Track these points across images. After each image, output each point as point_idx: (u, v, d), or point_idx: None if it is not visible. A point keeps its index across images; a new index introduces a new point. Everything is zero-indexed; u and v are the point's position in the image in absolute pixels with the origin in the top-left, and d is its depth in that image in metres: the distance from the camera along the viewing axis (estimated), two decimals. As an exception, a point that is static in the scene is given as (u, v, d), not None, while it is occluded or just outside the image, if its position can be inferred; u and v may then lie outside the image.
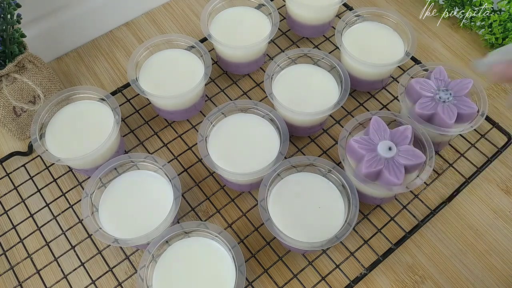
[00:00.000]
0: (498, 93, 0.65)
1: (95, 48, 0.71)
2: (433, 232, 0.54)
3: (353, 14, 0.62)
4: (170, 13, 0.75)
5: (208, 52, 0.59)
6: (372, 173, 0.48)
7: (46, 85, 0.61)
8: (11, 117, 0.59)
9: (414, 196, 0.56)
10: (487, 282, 0.51)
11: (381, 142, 0.49)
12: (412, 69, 0.57)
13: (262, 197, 0.48)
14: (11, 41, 0.56)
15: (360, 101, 0.63)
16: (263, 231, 0.54)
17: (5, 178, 0.58)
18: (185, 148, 0.60)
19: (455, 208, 0.56)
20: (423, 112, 0.53)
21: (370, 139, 0.50)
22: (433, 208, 0.54)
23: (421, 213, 0.55)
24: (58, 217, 0.56)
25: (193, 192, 0.57)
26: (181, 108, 0.60)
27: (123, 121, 0.63)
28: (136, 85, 0.57)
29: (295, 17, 0.67)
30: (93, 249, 0.53)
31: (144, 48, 0.59)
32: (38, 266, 0.52)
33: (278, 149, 0.52)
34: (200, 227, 0.47)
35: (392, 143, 0.49)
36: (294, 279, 0.51)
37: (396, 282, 0.51)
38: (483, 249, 0.53)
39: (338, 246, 0.53)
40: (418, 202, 0.56)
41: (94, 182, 0.50)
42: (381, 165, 0.48)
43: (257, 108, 0.55)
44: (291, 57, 0.59)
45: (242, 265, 0.45)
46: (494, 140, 0.60)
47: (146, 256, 0.45)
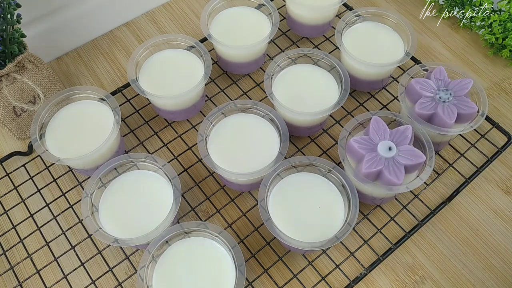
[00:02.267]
0: (498, 93, 0.65)
1: (95, 48, 0.71)
2: (433, 232, 0.54)
3: (353, 14, 0.62)
4: (170, 13, 0.75)
5: (208, 52, 0.59)
6: (372, 173, 0.48)
7: (46, 85, 0.61)
8: (11, 117, 0.59)
9: (414, 196, 0.56)
10: (487, 282, 0.51)
11: (381, 142, 0.49)
12: (412, 69, 0.57)
13: (262, 197, 0.48)
14: (11, 41, 0.56)
15: (360, 101, 0.63)
16: (263, 231, 0.54)
17: (5, 178, 0.58)
18: (185, 148, 0.60)
19: (455, 208, 0.56)
20: (423, 112, 0.53)
21: (370, 139, 0.50)
22: (433, 208, 0.54)
23: (421, 213, 0.55)
24: (58, 217, 0.56)
25: (193, 192, 0.57)
26: (181, 108, 0.60)
27: (123, 121, 0.63)
28: (136, 85, 0.57)
29: (295, 17, 0.67)
30: (93, 249, 0.53)
31: (144, 48, 0.59)
32: (38, 266, 0.52)
33: (278, 149, 0.52)
34: (200, 227, 0.47)
35: (392, 143, 0.49)
36: (294, 279, 0.51)
37: (396, 282, 0.51)
38: (483, 249, 0.53)
39: (338, 246, 0.53)
40: (418, 202, 0.56)
41: (94, 182, 0.50)
42: (381, 165, 0.48)
43: (257, 108, 0.55)
44: (291, 57, 0.59)
45: (242, 265, 0.45)
46: (494, 140, 0.60)
47: (146, 256, 0.45)
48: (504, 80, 0.66)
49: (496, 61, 0.68)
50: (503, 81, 0.66)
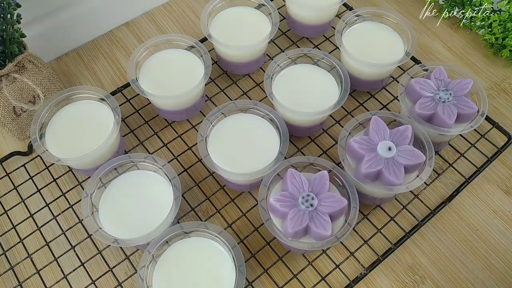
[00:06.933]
0: (498, 93, 0.65)
1: (95, 48, 0.71)
2: (433, 232, 0.54)
3: (353, 14, 0.62)
4: (170, 13, 0.75)
5: (208, 52, 0.59)
6: (372, 173, 0.48)
7: (46, 85, 0.61)
8: (11, 117, 0.59)
9: (414, 196, 0.56)
10: (487, 282, 0.51)
11: (381, 142, 0.49)
12: (412, 69, 0.57)
13: (262, 197, 0.48)
14: (11, 41, 0.56)
15: (360, 101, 0.63)
16: (263, 231, 0.54)
17: (5, 178, 0.58)
18: (185, 148, 0.60)
19: (455, 208, 0.56)
20: (423, 112, 0.53)
21: (370, 139, 0.50)
22: (433, 208, 0.54)
23: (421, 213, 0.55)
24: (58, 217, 0.56)
25: (193, 192, 0.57)
26: (181, 108, 0.60)
27: (123, 121, 0.63)
28: (136, 85, 0.57)
29: (295, 17, 0.67)
30: (93, 249, 0.53)
31: (144, 48, 0.59)
32: (38, 266, 0.52)
33: (278, 149, 0.52)
34: (200, 227, 0.47)
35: (392, 143, 0.49)
36: (294, 279, 0.51)
37: (396, 282, 0.51)
38: (483, 249, 0.53)
39: (338, 246, 0.53)
40: (418, 202, 0.56)
41: (94, 182, 0.50)
42: (381, 165, 0.48)
43: (257, 108, 0.55)
44: (291, 57, 0.59)
45: (242, 265, 0.45)
46: (494, 140, 0.60)
47: (146, 256, 0.45)
48: (504, 80, 0.66)
49: (496, 61, 0.68)
50: (503, 81, 0.66)
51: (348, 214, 0.47)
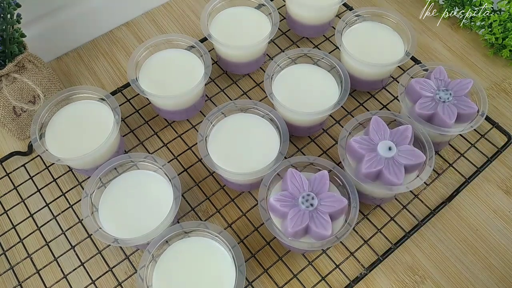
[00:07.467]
0: (498, 93, 0.65)
1: (95, 48, 0.71)
2: (433, 232, 0.54)
3: (353, 14, 0.62)
4: (170, 13, 0.75)
5: (208, 52, 0.59)
6: (372, 173, 0.48)
7: (46, 85, 0.61)
8: (11, 117, 0.59)
9: (414, 196, 0.56)
10: (487, 282, 0.51)
11: (381, 142, 0.49)
12: (412, 69, 0.57)
13: (262, 197, 0.48)
14: (11, 41, 0.56)
15: (360, 101, 0.63)
16: (263, 231, 0.54)
17: (5, 178, 0.58)
18: (185, 148, 0.60)
19: (455, 208, 0.56)
20: (423, 112, 0.53)
21: (370, 139, 0.50)
22: (433, 208, 0.54)
23: (421, 213, 0.55)
24: (58, 217, 0.56)
25: (193, 192, 0.57)
26: (181, 108, 0.60)
27: (123, 121, 0.63)
28: (136, 85, 0.57)
29: (295, 17, 0.67)
30: (93, 249, 0.53)
31: (144, 48, 0.59)
32: (38, 266, 0.52)
33: (278, 149, 0.52)
34: (200, 227, 0.47)
35: (392, 143, 0.49)
36: (294, 279, 0.51)
37: (396, 282, 0.51)
38: (483, 249, 0.53)
39: (338, 246, 0.53)
40: (418, 202, 0.56)
41: (94, 182, 0.50)
42: (381, 165, 0.48)
43: (257, 108, 0.55)
44: (291, 57, 0.59)
45: (242, 265, 0.45)
46: (494, 140, 0.60)
47: (146, 256, 0.45)
48: (504, 80, 0.66)
49: (496, 61, 0.68)
50: (503, 81, 0.66)
51: (348, 214, 0.47)
